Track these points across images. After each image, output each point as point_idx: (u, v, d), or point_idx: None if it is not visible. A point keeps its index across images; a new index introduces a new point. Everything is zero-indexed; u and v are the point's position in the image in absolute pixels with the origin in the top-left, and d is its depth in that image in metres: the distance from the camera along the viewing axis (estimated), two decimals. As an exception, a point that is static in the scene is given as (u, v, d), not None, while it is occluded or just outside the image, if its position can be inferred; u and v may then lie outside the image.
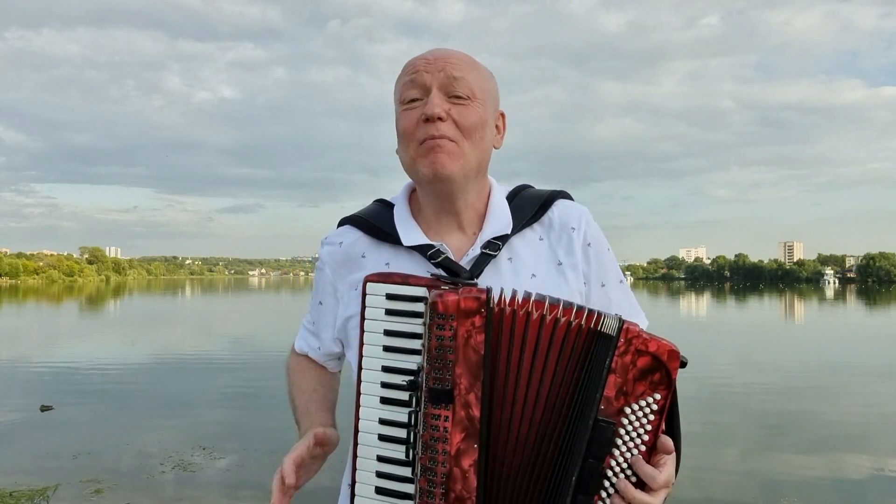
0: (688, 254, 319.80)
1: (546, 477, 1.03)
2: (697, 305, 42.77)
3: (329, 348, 1.34)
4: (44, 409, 8.66)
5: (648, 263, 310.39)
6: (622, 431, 1.02)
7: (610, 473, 1.02)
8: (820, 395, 10.08)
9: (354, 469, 1.08)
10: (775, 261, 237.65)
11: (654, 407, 1.01)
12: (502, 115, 1.27)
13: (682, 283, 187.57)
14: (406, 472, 1.04)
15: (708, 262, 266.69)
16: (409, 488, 1.04)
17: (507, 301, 1.02)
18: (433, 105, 1.12)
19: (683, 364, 1.02)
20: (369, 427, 1.07)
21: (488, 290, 1.02)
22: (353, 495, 1.08)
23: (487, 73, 1.23)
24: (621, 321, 1.02)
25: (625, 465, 1.02)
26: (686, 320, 27.22)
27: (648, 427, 1.02)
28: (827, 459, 6.58)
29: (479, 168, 1.19)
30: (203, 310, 37.31)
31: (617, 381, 1.01)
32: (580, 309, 1.03)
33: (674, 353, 1.01)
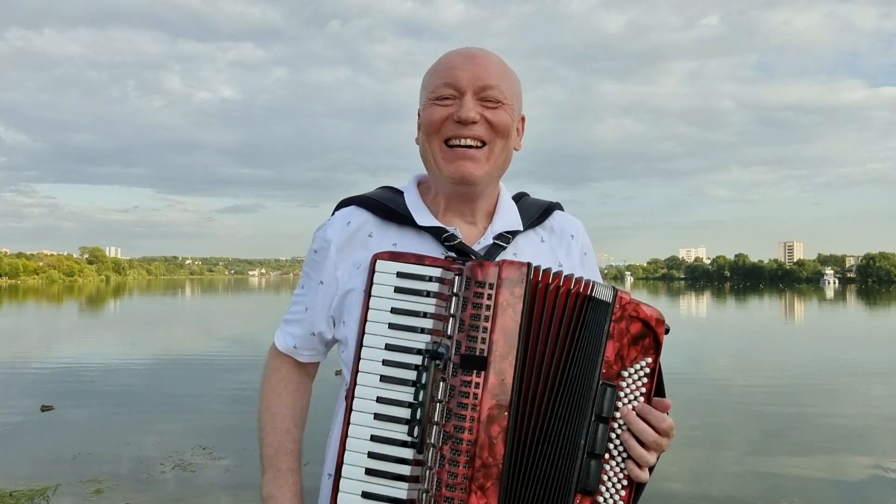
0: (688, 254, 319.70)
1: (560, 442, 1.05)
2: (697, 305, 42.74)
3: (321, 332, 1.29)
4: (44, 409, 8.66)
5: (648, 263, 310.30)
6: (621, 394, 1.08)
7: (614, 436, 1.06)
8: (820, 395, 10.06)
9: (343, 450, 1.06)
10: (775, 261, 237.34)
11: (647, 370, 1.08)
12: (523, 118, 1.30)
13: (682, 283, 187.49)
14: (404, 452, 1.04)
15: (708, 262, 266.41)
16: (404, 470, 1.03)
17: (543, 275, 1.07)
18: (468, 109, 1.15)
19: (667, 330, 1.10)
20: (365, 406, 1.06)
21: (529, 264, 1.06)
22: (338, 477, 1.06)
23: (516, 77, 1.26)
24: (615, 289, 1.09)
25: (626, 428, 1.07)
26: (686, 320, 27.19)
27: (643, 389, 1.08)
28: (827, 459, 6.58)
29: (502, 169, 1.24)
30: (203, 310, 37.28)
31: (615, 345, 1.07)
32: (584, 280, 1.09)
33: (660, 320, 1.08)
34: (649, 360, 1.07)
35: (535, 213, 1.30)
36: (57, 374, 12.00)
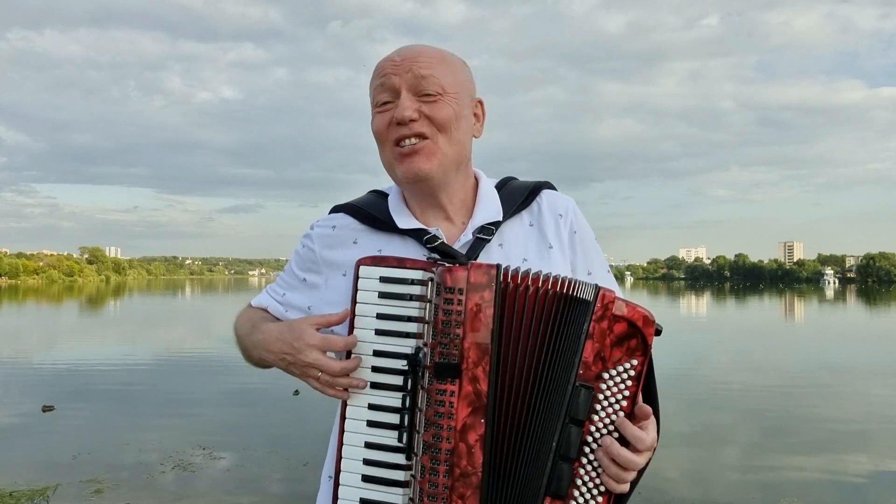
0: (688, 254, 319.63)
1: (532, 445, 1.03)
2: (697, 305, 42.75)
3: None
4: (45, 409, 8.66)
5: (648, 263, 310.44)
6: (600, 397, 1.02)
7: (590, 439, 1.03)
8: (820, 395, 10.07)
9: (340, 458, 1.07)
10: (775, 261, 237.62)
11: (632, 373, 1.02)
12: (480, 102, 1.26)
13: (682, 283, 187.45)
14: (397, 458, 1.04)
15: (708, 262, 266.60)
16: (398, 475, 1.04)
17: (512, 276, 1.04)
18: (403, 108, 1.13)
19: (658, 332, 1.04)
20: (357, 413, 1.07)
21: (498, 266, 1.04)
22: (336, 484, 1.07)
23: (459, 63, 1.22)
24: (598, 288, 1.04)
25: (605, 432, 1.03)
26: (686, 320, 27.21)
27: (626, 393, 1.03)
28: (827, 459, 6.58)
29: (458, 161, 1.20)
30: (203, 310, 37.31)
31: (594, 346, 1.02)
32: (562, 278, 1.06)
33: (649, 320, 1.02)
34: (635, 361, 1.02)
35: (520, 196, 1.27)
36: (57, 374, 12.01)
